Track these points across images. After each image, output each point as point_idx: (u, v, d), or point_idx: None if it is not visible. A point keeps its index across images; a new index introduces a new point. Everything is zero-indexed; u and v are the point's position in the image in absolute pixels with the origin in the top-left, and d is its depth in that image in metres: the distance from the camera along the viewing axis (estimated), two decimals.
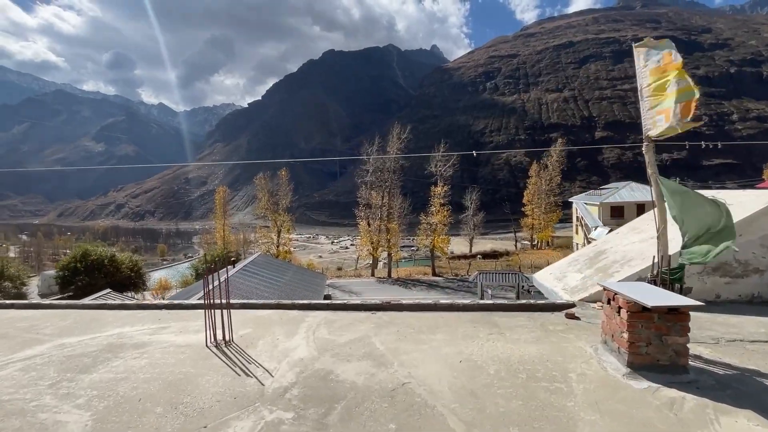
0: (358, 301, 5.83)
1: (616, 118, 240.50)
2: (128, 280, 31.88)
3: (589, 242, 40.86)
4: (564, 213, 54.06)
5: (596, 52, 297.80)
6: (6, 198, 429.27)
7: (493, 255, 51.75)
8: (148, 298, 32.66)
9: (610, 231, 37.81)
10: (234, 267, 22.62)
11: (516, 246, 62.83)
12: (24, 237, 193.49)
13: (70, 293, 29.30)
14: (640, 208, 39.33)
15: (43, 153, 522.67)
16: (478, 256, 51.31)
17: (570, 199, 50.89)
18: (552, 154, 51.23)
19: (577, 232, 47.31)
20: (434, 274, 36.93)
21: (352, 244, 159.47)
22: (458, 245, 46.85)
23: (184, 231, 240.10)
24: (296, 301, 5.91)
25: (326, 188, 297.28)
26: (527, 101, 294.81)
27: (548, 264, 37.80)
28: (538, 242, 53.45)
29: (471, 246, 56.76)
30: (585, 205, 43.17)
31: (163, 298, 31.96)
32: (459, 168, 43.07)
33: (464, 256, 52.05)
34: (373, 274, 38.86)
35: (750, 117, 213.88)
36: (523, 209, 54.07)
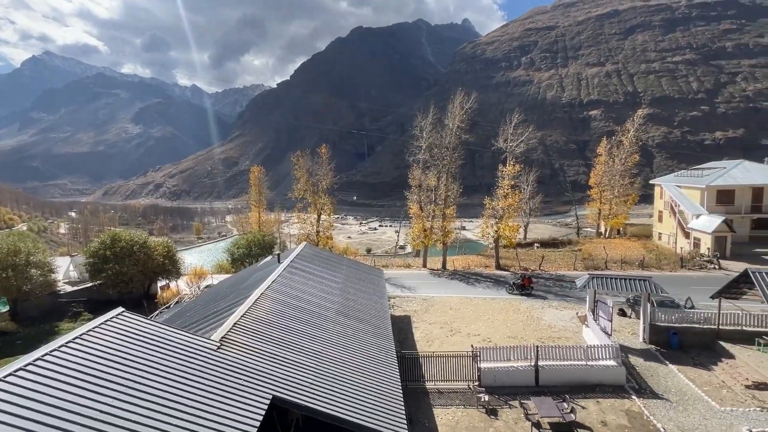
0: None
1: (664, 94, 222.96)
2: (161, 268, 29.05)
3: (686, 233, 34.40)
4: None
5: (644, 21, 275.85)
6: (56, 177, 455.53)
7: (553, 243, 46.00)
8: (182, 286, 29.80)
9: (724, 221, 31.18)
10: (279, 261, 18.76)
11: (578, 234, 56.40)
12: (72, 214, 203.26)
13: (100, 281, 26.77)
14: (758, 194, 32.26)
15: (87, 134, 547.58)
16: (536, 244, 45.73)
17: (653, 181, 43.71)
18: (628, 129, 44.06)
19: (660, 220, 40.60)
20: (498, 267, 32.03)
21: (380, 225, 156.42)
22: None
23: (217, 210, 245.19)
24: None
25: (353, 169, 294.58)
26: (565, 76, 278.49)
27: (644, 258, 31.36)
28: (605, 230, 47.05)
29: (525, 232, 51.14)
30: (678, 189, 36.32)
31: (199, 288, 28.99)
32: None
33: (519, 244, 46.60)
34: (425, 265, 34.47)
35: None
36: (588, 192, 47.59)
